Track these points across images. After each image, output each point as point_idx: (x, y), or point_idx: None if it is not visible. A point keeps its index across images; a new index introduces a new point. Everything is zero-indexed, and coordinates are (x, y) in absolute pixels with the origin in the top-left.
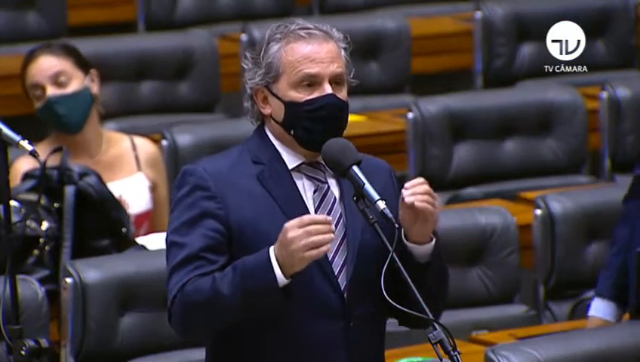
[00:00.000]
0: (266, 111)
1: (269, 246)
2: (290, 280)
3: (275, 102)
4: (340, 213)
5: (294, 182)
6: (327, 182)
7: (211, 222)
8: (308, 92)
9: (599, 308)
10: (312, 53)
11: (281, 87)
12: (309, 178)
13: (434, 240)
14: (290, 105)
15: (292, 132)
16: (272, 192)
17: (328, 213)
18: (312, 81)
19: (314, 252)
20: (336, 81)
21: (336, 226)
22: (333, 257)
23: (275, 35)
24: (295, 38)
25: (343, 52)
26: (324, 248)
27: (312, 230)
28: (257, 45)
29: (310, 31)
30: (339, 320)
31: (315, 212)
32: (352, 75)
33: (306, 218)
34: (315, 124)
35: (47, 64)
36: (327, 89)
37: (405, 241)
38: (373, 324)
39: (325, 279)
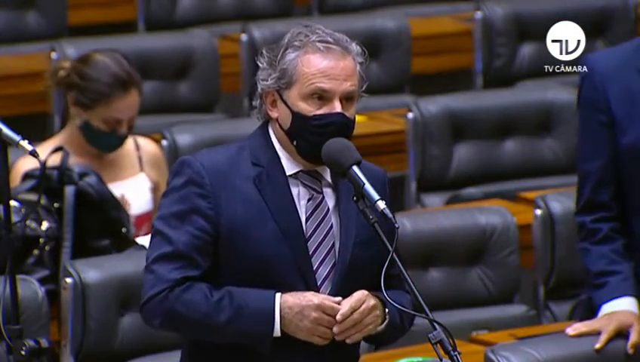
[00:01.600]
0: (273, 114)
1: (275, 293)
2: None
3: (284, 109)
4: (331, 225)
5: (290, 190)
6: (322, 192)
7: (200, 221)
8: (317, 106)
9: None
10: (328, 68)
11: (291, 95)
12: (305, 186)
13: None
14: (298, 116)
15: (295, 142)
16: (266, 197)
17: (319, 223)
18: (323, 96)
19: (319, 339)
20: (347, 98)
21: (324, 237)
22: (318, 268)
23: (294, 42)
24: (313, 50)
25: (358, 67)
26: (324, 341)
27: (331, 322)
28: (276, 47)
29: (329, 45)
30: None
31: (306, 221)
32: (363, 89)
33: (338, 311)
34: (319, 139)
35: (134, 103)
36: (337, 107)
37: None
38: None
39: (306, 288)
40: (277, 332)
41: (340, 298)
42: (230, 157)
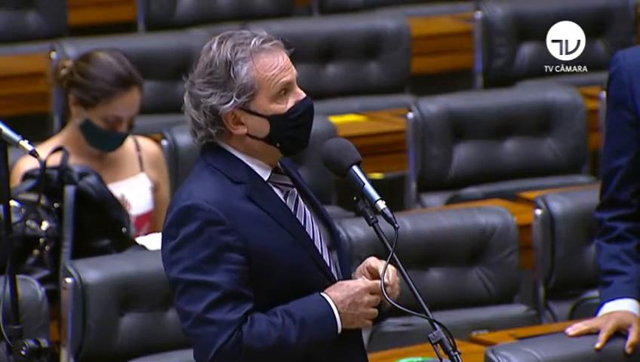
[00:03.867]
0: (239, 131)
1: (320, 294)
2: None
3: (255, 120)
4: (308, 212)
5: (277, 195)
6: (293, 186)
7: (233, 256)
8: (285, 101)
9: None
10: (281, 63)
11: (260, 103)
12: (277, 185)
13: None
14: (276, 119)
15: (278, 144)
16: (267, 209)
17: (304, 216)
18: (287, 89)
19: (369, 322)
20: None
21: (312, 226)
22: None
23: (237, 55)
24: (262, 53)
25: None
26: (369, 322)
27: (378, 300)
28: (214, 68)
29: (270, 43)
30: None
31: (294, 216)
32: None
33: (379, 286)
34: (299, 130)
35: (135, 101)
36: (302, 93)
37: None
38: None
39: (328, 280)
40: (339, 329)
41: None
42: (217, 185)
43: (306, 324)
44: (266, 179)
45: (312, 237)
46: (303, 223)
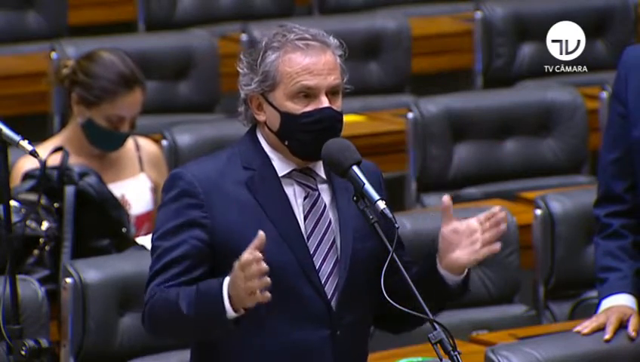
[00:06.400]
0: (261, 117)
1: (225, 277)
2: (241, 313)
3: (271, 111)
4: (329, 221)
5: (283, 189)
6: (317, 189)
7: (196, 231)
8: (304, 103)
9: None
10: (310, 65)
11: (277, 96)
12: (300, 184)
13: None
14: (287, 116)
15: (286, 142)
16: (260, 199)
17: (317, 220)
18: (309, 93)
19: (254, 297)
20: (332, 91)
21: (324, 234)
22: (321, 265)
23: (273, 43)
24: (293, 49)
25: (338, 60)
26: (260, 296)
27: (248, 274)
28: (254, 50)
29: (308, 42)
30: (325, 328)
31: (305, 219)
32: (345, 81)
33: (242, 260)
34: (310, 136)
35: (138, 101)
36: (325, 101)
37: (439, 267)
38: (360, 331)
39: (311, 287)
40: (229, 312)
41: None
42: (220, 164)
43: (201, 298)
44: (281, 174)
45: (316, 245)
46: (311, 229)
